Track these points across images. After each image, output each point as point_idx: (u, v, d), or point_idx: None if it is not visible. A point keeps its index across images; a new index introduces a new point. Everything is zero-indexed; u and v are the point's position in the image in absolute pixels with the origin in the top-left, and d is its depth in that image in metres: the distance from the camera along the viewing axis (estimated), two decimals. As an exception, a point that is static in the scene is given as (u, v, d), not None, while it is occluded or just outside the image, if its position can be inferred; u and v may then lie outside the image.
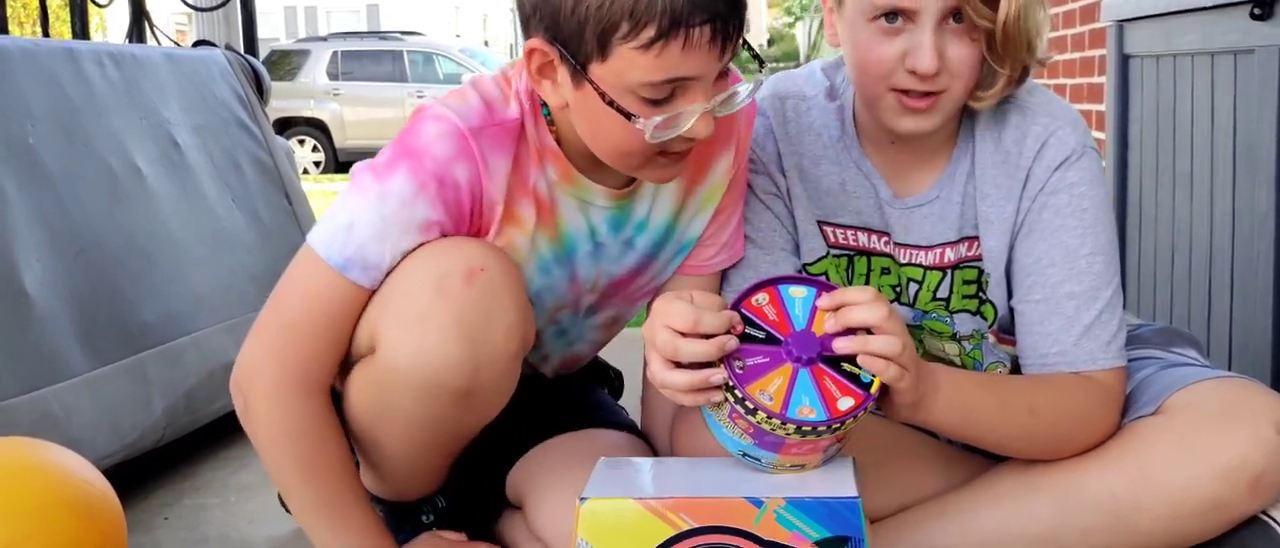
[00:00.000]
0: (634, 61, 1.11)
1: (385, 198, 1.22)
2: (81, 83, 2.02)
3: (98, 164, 1.98)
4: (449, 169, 1.22)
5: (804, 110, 1.39)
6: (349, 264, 1.24)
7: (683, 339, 1.08)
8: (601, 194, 1.32)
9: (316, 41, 13.42)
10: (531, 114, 1.27)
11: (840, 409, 1.08)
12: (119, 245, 1.95)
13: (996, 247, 1.33)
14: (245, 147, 2.42)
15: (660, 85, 1.13)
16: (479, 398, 1.26)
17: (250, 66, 2.58)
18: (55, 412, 1.69)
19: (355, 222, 1.23)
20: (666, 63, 1.11)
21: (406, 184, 1.22)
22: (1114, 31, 2.57)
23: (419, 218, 1.23)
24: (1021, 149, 1.31)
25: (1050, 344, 1.29)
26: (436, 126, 1.23)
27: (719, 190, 1.37)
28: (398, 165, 1.23)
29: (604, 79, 1.14)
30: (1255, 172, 1.86)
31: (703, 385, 1.09)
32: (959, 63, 1.23)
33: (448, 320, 1.19)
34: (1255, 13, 1.81)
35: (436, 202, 1.23)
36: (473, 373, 1.22)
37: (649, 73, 1.12)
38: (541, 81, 1.20)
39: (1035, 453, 1.28)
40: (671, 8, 1.08)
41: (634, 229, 1.36)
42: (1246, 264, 1.91)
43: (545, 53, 1.17)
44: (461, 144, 1.22)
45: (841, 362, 1.11)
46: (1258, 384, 1.28)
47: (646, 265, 1.40)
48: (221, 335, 2.10)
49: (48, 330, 1.73)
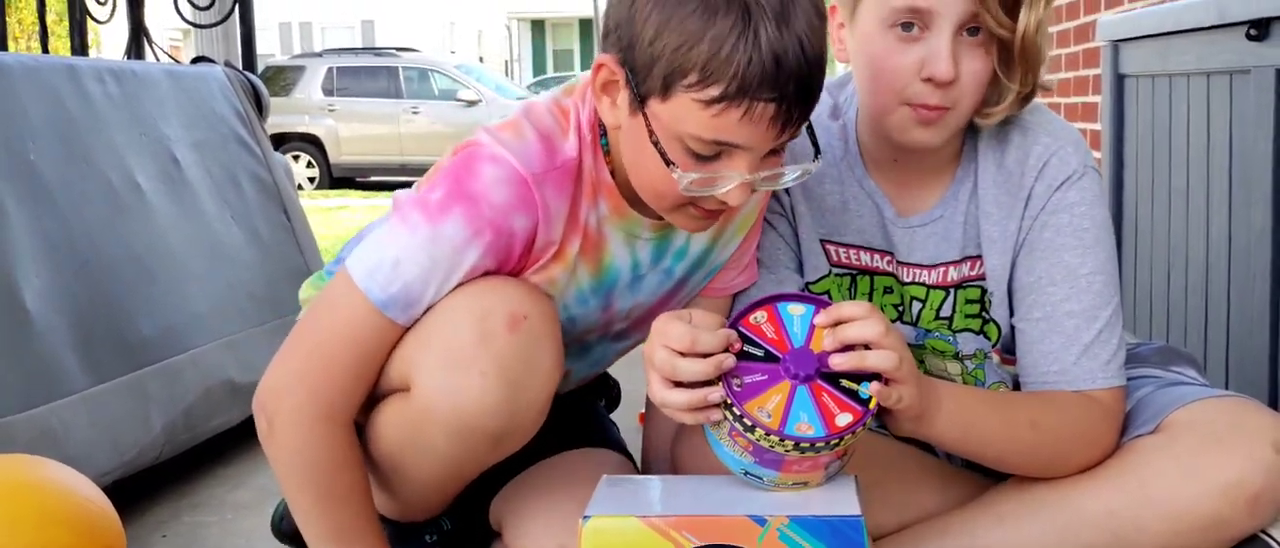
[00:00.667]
0: (692, 112, 1.10)
1: (437, 241, 1.20)
2: (82, 99, 2.03)
3: (98, 180, 1.98)
4: (507, 219, 1.20)
5: None
6: (391, 303, 1.22)
7: (681, 358, 1.09)
8: (648, 226, 1.30)
9: (312, 57, 13.43)
10: (591, 147, 1.25)
11: (838, 425, 1.08)
12: (119, 261, 1.95)
13: (999, 265, 1.34)
14: (244, 163, 2.43)
15: (709, 143, 1.12)
16: (512, 439, 1.26)
17: (249, 83, 2.59)
18: (54, 428, 1.69)
19: (402, 259, 1.21)
20: (722, 125, 1.10)
21: (461, 230, 1.19)
22: (1109, 51, 2.58)
23: (468, 263, 1.21)
24: (1023, 168, 1.32)
25: (1050, 362, 1.29)
26: (495, 171, 1.20)
27: (751, 218, 1.37)
28: (453, 209, 1.19)
29: (658, 117, 1.13)
30: (1250, 191, 1.87)
31: (701, 404, 1.09)
32: (971, 76, 1.23)
33: (490, 368, 1.18)
34: (1251, 33, 1.82)
35: (490, 251, 1.21)
36: (510, 418, 1.21)
37: (702, 129, 1.11)
38: (602, 97, 1.19)
39: (1036, 469, 1.29)
40: (743, 75, 1.07)
41: (673, 257, 1.35)
42: (1243, 283, 1.91)
43: (613, 72, 1.16)
44: (522, 193, 1.20)
45: (840, 378, 1.11)
46: (1256, 403, 1.28)
47: (678, 290, 1.39)
48: (220, 352, 2.10)
49: (47, 346, 1.73)
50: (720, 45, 1.07)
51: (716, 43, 1.07)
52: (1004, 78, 1.25)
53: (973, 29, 1.22)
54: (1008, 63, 1.24)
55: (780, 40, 1.07)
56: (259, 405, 1.28)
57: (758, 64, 1.07)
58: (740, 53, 1.06)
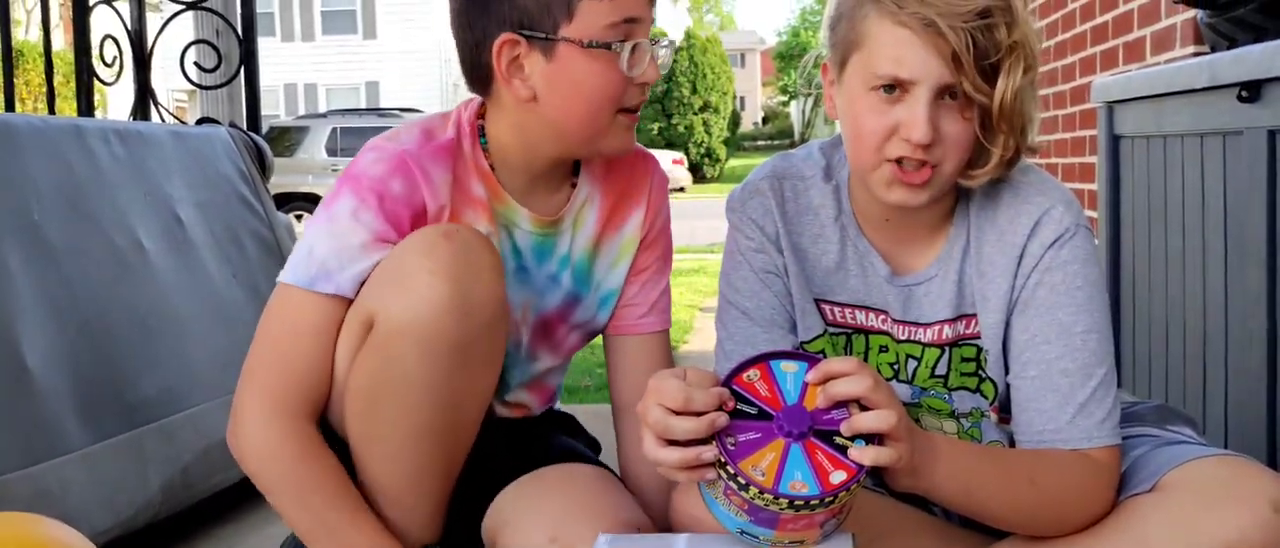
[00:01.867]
0: (596, 10, 1.35)
1: (334, 219, 1.38)
2: (88, 159, 2.05)
3: (102, 240, 2.00)
4: (385, 184, 1.38)
5: (802, 190, 1.42)
6: (315, 279, 1.37)
7: (674, 417, 1.10)
8: (527, 218, 1.47)
9: (316, 118, 13.54)
10: (470, 136, 1.45)
11: (833, 483, 1.08)
12: (121, 320, 1.96)
13: (994, 323, 1.35)
14: (247, 222, 2.44)
15: (620, 26, 1.36)
16: (472, 353, 1.34)
17: (253, 143, 2.61)
18: (52, 487, 1.69)
19: (313, 246, 1.38)
20: (620, 4, 1.36)
21: (349, 202, 1.38)
22: (1104, 112, 2.61)
23: (367, 229, 1.37)
24: (1016, 227, 1.33)
25: (1045, 421, 1.30)
26: (372, 154, 1.41)
27: (632, 245, 1.55)
28: (340, 191, 1.39)
29: (577, 34, 1.35)
30: (1245, 252, 1.88)
31: (695, 463, 1.10)
32: (952, 138, 1.26)
33: (436, 268, 1.30)
34: (1242, 95, 1.85)
35: (379, 214, 1.37)
36: (465, 316, 1.30)
37: (610, 15, 1.35)
38: (511, 81, 1.39)
39: (1034, 526, 1.28)
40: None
41: (558, 264, 1.51)
42: (1239, 344, 1.92)
43: (514, 44, 1.37)
44: (397, 164, 1.39)
45: (834, 435, 1.11)
46: (1254, 463, 1.28)
47: (572, 306, 1.53)
48: (219, 411, 2.09)
49: (48, 405, 1.74)
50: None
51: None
52: (984, 141, 1.27)
53: (953, 92, 1.24)
54: (988, 127, 1.26)
55: None
56: (229, 433, 1.40)
57: None
58: None
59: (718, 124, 25.73)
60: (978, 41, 1.21)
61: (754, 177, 1.45)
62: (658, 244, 1.57)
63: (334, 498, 1.38)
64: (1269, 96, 1.80)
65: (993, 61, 1.22)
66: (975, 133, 1.26)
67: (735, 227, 1.44)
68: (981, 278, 1.35)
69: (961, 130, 1.26)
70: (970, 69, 1.22)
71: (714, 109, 25.65)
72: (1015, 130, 1.26)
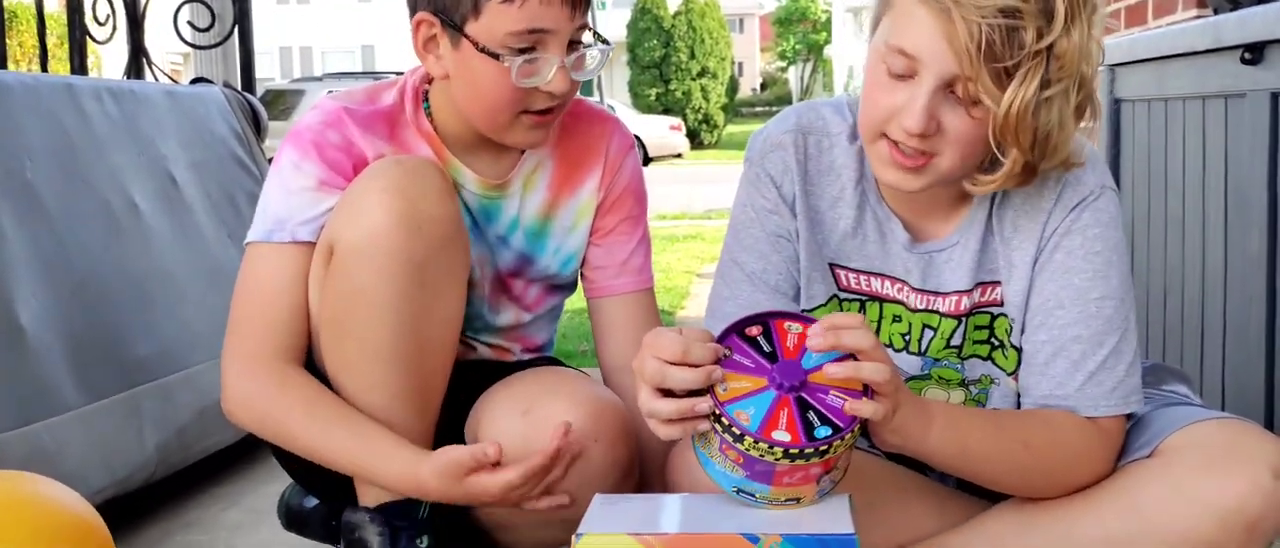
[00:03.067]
0: (501, 15, 1.35)
1: (280, 173, 1.44)
2: (80, 118, 2.03)
3: (95, 200, 1.99)
4: (322, 134, 1.44)
5: (826, 147, 1.37)
6: (273, 231, 1.42)
7: (671, 368, 1.10)
8: (472, 180, 1.50)
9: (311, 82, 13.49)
10: (413, 100, 1.48)
11: (825, 434, 1.08)
12: (115, 281, 1.95)
13: (1019, 291, 1.32)
14: (242, 183, 2.43)
15: (523, 35, 1.36)
16: (429, 271, 1.37)
17: (248, 103, 2.60)
18: (48, 446, 1.69)
19: (267, 203, 1.44)
20: (527, 14, 1.35)
21: (291, 154, 1.44)
22: (1106, 75, 2.59)
23: (310, 176, 1.42)
24: (1042, 192, 1.30)
25: (1053, 385, 1.28)
26: (314, 112, 1.46)
27: (589, 208, 1.57)
28: (284, 148, 1.45)
29: (478, 34, 1.37)
30: (1246, 215, 1.87)
31: (689, 414, 1.10)
32: (953, 134, 1.20)
33: (387, 186, 1.35)
34: (1246, 57, 1.83)
35: (320, 161, 1.42)
36: (415, 229, 1.34)
37: (514, 23, 1.35)
38: (427, 55, 1.43)
39: (1029, 488, 1.28)
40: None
41: (507, 226, 1.53)
42: (1239, 308, 1.91)
43: (429, 24, 1.40)
44: (331, 117, 1.44)
45: (828, 391, 1.11)
46: (1254, 426, 1.27)
47: (526, 264, 1.56)
48: (214, 372, 2.07)
49: (42, 365, 1.73)
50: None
51: None
52: (997, 151, 1.20)
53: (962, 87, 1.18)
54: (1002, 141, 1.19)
55: None
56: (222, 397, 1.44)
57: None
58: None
59: (716, 90, 25.64)
60: (994, 40, 1.14)
61: (777, 128, 1.39)
62: (619, 207, 1.58)
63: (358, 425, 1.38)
64: (1272, 58, 1.79)
65: (1009, 65, 1.14)
66: (986, 136, 1.19)
67: (751, 181, 1.39)
68: (1006, 245, 1.32)
69: (967, 129, 1.19)
70: (979, 66, 1.14)
71: (712, 74, 25.54)
72: (1024, 146, 1.19)
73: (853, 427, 1.10)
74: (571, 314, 3.77)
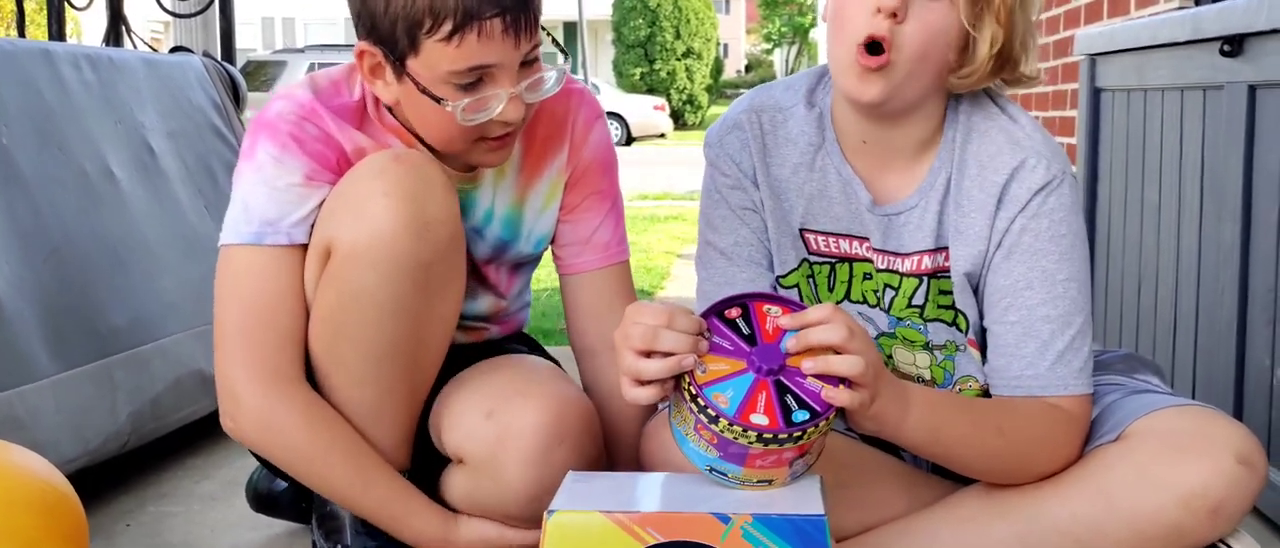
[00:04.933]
0: (440, 53, 1.27)
1: (260, 169, 1.35)
2: (57, 85, 2.01)
3: (71, 167, 1.97)
4: (299, 127, 1.36)
5: (780, 121, 1.40)
6: (262, 234, 1.35)
7: (663, 329, 1.10)
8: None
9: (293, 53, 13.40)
10: (375, 103, 1.41)
11: (800, 419, 1.09)
12: (90, 249, 1.94)
13: (963, 256, 1.34)
14: (220, 153, 2.42)
15: (466, 73, 1.28)
16: (433, 273, 1.33)
17: (227, 74, 2.58)
18: (20, 414, 1.68)
19: (248, 201, 1.36)
20: (467, 53, 1.26)
21: (269, 148, 1.35)
22: (1086, 65, 2.60)
23: (298, 171, 1.35)
24: (997, 164, 1.32)
25: (1023, 366, 1.30)
26: (281, 103, 1.38)
27: (557, 188, 1.52)
28: (257, 140, 1.36)
29: (419, 72, 1.30)
30: (1221, 205, 1.89)
31: (676, 369, 1.10)
32: (922, 24, 1.22)
33: (390, 189, 1.29)
34: (1225, 50, 1.84)
35: (302, 154, 1.35)
36: (422, 232, 1.30)
37: (453, 62, 1.27)
38: (375, 81, 1.35)
39: (1001, 474, 1.30)
40: (463, 4, 1.24)
41: (482, 217, 1.48)
42: (1211, 296, 1.93)
43: (372, 53, 1.32)
44: (304, 110, 1.37)
45: (806, 376, 1.12)
46: (1220, 413, 1.29)
47: (502, 251, 1.52)
48: (190, 342, 2.08)
49: (15, 332, 1.72)
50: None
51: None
52: (970, 28, 1.23)
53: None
54: (979, 15, 1.23)
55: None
56: (223, 416, 1.39)
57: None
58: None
59: (700, 70, 25.59)
60: None
61: (731, 112, 1.43)
62: (586, 181, 1.53)
63: (356, 454, 1.37)
64: (1251, 51, 1.80)
65: None
66: (958, 20, 1.23)
67: (712, 163, 1.43)
68: (958, 210, 1.34)
69: (936, 18, 1.22)
70: None
71: (697, 55, 25.49)
72: (1007, 24, 1.24)
73: (829, 414, 1.10)
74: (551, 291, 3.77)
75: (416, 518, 1.40)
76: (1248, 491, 1.20)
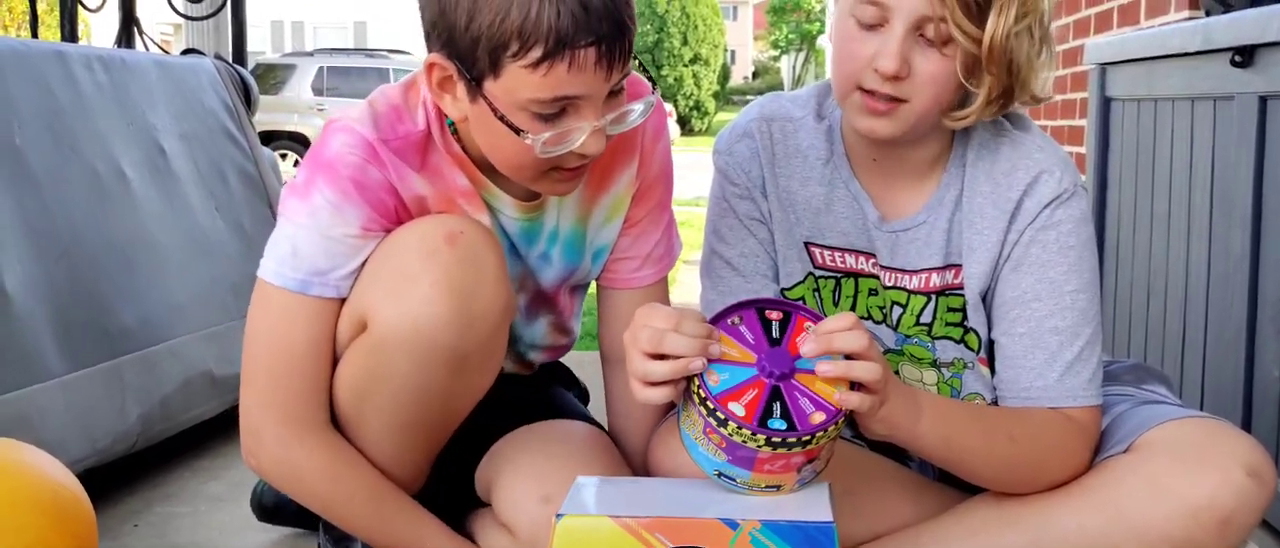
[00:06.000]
0: (524, 79, 1.16)
1: (315, 214, 1.27)
2: (70, 85, 2.02)
3: (83, 167, 1.98)
4: (363, 173, 1.28)
5: (790, 132, 1.41)
6: (308, 283, 1.29)
7: (669, 333, 1.11)
8: (509, 204, 1.37)
9: (303, 57, 13.43)
10: (438, 122, 1.32)
11: (811, 423, 1.09)
12: (101, 250, 1.95)
13: (977, 274, 1.34)
14: (231, 156, 2.42)
15: (549, 103, 1.18)
16: (471, 361, 1.29)
17: (239, 77, 2.59)
18: (29, 413, 1.68)
19: (297, 245, 1.29)
20: (554, 82, 1.16)
21: (329, 194, 1.27)
22: (1096, 74, 2.60)
23: (355, 222, 1.28)
24: (1012, 180, 1.32)
25: (1032, 378, 1.30)
26: (343, 137, 1.29)
27: (624, 200, 1.43)
28: (315, 180, 1.28)
29: (496, 96, 1.19)
30: (1231, 216, 1.88)
31: (683, 373, 1.10)
32: (925, 75, 1.24)
33: (438, 276, 1.23)
34: (1236, 60, 1.84)
35: (362, 204, 1.28)
36: (465, 329, 1.25)
37: (538, 90, 1.16)
38: (443, 95, 1.25)
39: (1011, 483, 1.29)
40: (557, 29, 1.13)
41: (546, 242, 1.41)
42: (1221, 307, 1.93)
43: (444, 68, 1.22)
44: (368, 152, 1.28)
45: (815, 381, 1.12)
46: (1229, 425, 1.29)
47: (569, 274, 1.45)
48: (200, 343, 2.09)
49: (26, 331, 1.73)
50: (527, 9, 1.13)
51: (524, 8, 1.13)
52: (967, 83, 1.25)
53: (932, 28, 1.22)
54: (974, 68, 1.24)
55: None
56: (246, 453, 1.36)
57: (567, 15, 1.13)
58: (548, 10, 1.13)
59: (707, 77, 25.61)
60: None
61: (741, 119, 1.44)
62: (653, 192, 1.45)
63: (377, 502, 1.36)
64: (1262, 62, 1.79)
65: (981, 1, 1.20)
66: (955, 72, 1.24)
67: (721, 171, 1.43)
68: (970, 227, 1.34)
69: (938, 69, 1.24)
70: (953, 3, 1.19)
71: (704, 62, 25.51)
72: (1010, 74, 1.24)
73: (838, 418, 1.11)
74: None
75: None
76: (1257, 503, 1.20)
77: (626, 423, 1.48)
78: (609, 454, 1.43)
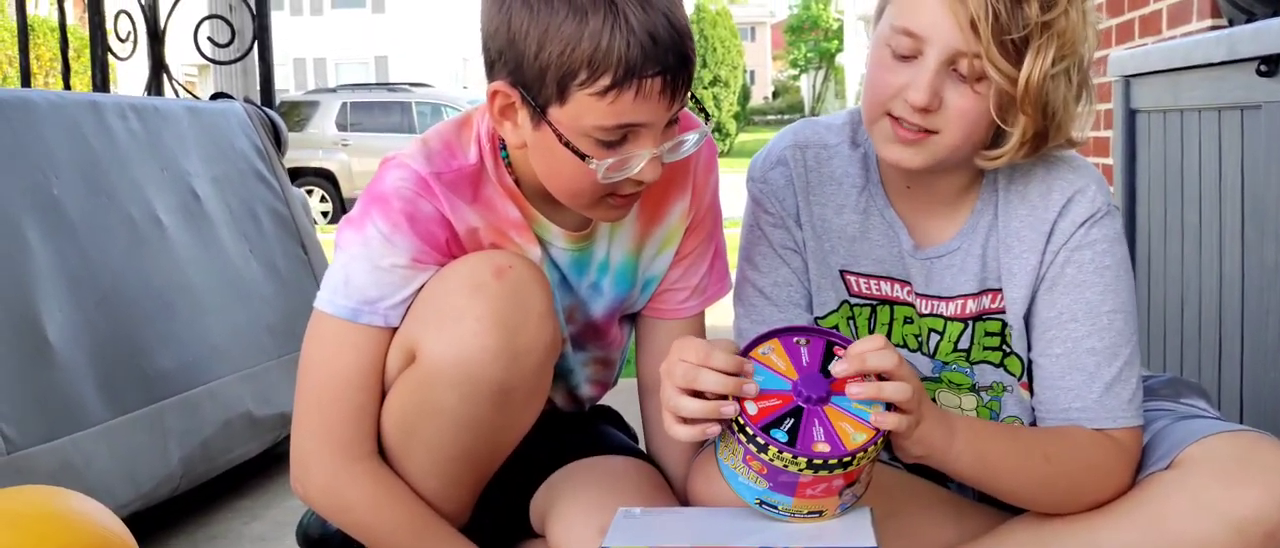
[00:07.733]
0: (590, 107, 1.20)
1: (367, 244, 1.31)
2: (105, 134, 2.05)
3: (119, 215, 2.01)
4: (415, 205, 1.31)
5: (825, 159, 1.41)
6: (359, 311, 1.32)
7: (703, 369, 1.11)
8: (560, 236, 1.39)
9: (326, 93, 13.52)
10: (492, 154, 1.35)
11: (851, 444, 1.09)
12: (139, 295, 1.97)
13: (1019, 298, 1.34)
14: (263, 198, 2.45)
15: (613, 130, 1.22)
16: (516, 396, 1.30)
17: (268, 118, 2.62)
18: (75, 461, 1.71)
19: (350, 275, 1.32)
20: (620, 109, 1.20)
21: (381, 226, 1.30)
22: (1120, 86, 2.60)
23: (405, 253, 1.31)
24: (1047, 203, 1.32)
25: (1071, 399, 1.30)
26: (397, 173, 1.33)
27: (677, 232, 1.45)
28: (369, 213, 1.32)
29: (561, 122, 1.23)
30: (1263, 226, 1.87)
31: (715, 414, 1.11)
32: (956, 110, 1.23)
33: (484, 312, 1.25)
34: (1261, 69, 1.83)
35: (412, 236, 1.31)
36: (511, 363, 1.27)
37: (603, 118, 1.21)
38: (503, 122, 1.28)
39: (1050, 503, 1.29)
40: (627, 59, 1.18)
41: (597, 272, 1.43)
42: (1256, 319, 1.91)
43: (508, 95, 1.25)
44: (421, 186, 1.31)
45: (850, 403, 1.13)
46: (1271, 438, 1.28)
47: (619, 304, 1.47)
48: (238, 385, 2.11)
49: (69, 379, 1.75)
50: (598, 39, 1.17)
51: (594, 38, 1.18)
52: (1001, 122, 1.24)
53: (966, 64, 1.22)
54: (1008, 108, 1.23)
55: (649, 19, 1.18)
56: (295, 482, 1.38)
57: (636, 46, 1.17)
58: (618, 40, 1.17)
59: (727, 98, 25.64)
60: (1000, 13, 1.18)
61: (776, 145, 1.44)
62: (702, 226, 1.47)
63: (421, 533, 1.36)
64: (1288, 70, 1.79)
65: (1017, 37, 1.19)
66: (989, 110, 1.23)
67: (755, 199, 1.43)
68: (1008, 252, 1.34)
69: (970, 106, 1.23)
70: (988, 40, 1.19)
71: (724, 83, 25.56)
72: (1045, 115, 1.23)
73: (877, 439, 1.11)
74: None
75: None
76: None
77: (665, 452, 1.48)
78: (665, 492, 1.43)
